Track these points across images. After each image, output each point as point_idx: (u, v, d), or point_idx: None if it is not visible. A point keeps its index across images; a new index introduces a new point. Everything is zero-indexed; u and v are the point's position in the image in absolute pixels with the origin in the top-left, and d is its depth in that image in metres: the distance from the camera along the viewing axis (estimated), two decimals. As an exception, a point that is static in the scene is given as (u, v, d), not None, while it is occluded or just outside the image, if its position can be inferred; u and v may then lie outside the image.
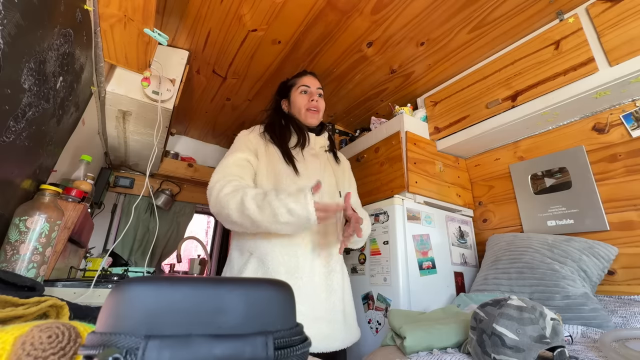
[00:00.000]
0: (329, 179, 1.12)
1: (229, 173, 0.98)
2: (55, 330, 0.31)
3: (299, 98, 1.18)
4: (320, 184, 0.85)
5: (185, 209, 2.55)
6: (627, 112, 1.23)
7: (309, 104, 1.17)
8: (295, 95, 1.19)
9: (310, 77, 1.22)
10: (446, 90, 1.72)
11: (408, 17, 1.39)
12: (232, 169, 1.00)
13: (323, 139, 1.22)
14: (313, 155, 1.13)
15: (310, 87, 1.19)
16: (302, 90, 1.19)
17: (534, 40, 1.38)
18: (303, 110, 1.16)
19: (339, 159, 1.25)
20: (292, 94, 1.21)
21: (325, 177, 1.10)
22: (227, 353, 0.22)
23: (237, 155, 1.03)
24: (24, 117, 0.72)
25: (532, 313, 0.64)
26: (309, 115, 1.16)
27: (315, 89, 1.19)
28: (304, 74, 1.24)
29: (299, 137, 1.12)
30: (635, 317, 0.96)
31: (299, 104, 1.17)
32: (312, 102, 1.16)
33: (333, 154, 1.23)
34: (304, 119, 1.16)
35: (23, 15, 0.62)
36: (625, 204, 1.19)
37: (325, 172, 1.12)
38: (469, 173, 1.81)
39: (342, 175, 1.21)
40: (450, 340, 0.81)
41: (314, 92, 1.19)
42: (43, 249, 0.80)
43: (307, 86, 1.19)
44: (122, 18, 1.04)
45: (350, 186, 1.25)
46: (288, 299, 0.28)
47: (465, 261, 1.58)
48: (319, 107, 1.18)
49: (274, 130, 1.14)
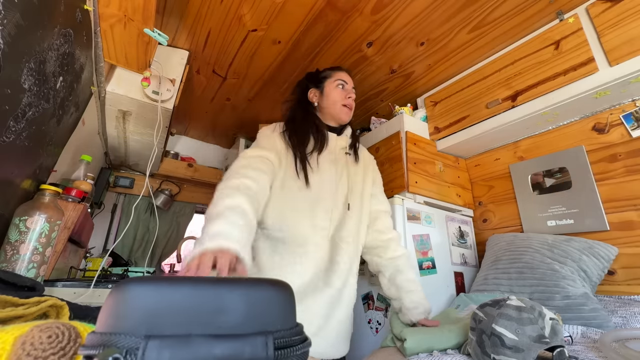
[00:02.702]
0: (342, 189, 1.04)
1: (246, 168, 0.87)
2: (55, 330, 0.31)
3: (335, 91, 1.12)
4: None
5: (185, 209, 2.55)
6: (627, 112, 1.23)
7: (345, 100, 1.12)
8: (332, 87, 1.13)
9: (346, 74, 1.17)
10: (446, 90, 1.72)
11: (408, 17, 1.38)
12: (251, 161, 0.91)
13: (344, 139, 1.14)
14: (331, 161, 1.05)
15: (347, 83, 1.15)
16: (340, 84, 1.13)
17: (534, 40, 1.38)
18: (339, 105, 1.11)
19: (359, 158, 1.15)
20: (327, 85, 1.13)
21: (339, 187, 1.03)
22: (227, 353, 0.22)
23: (262, 153, 0.95)
24: (24, 117, 0.72)
25: (531, 313, 0.64)
26: (344, 111, 1.11)
27: (350, 87, 1.15)
28: (340, 69, 1.18)
29: (317, 140, 1.04)
30: (635, 317, 0.96)
31: (334, 97, 1.11)
32: (348, 98, 1.12)
33: (354, 152, 1.14)
34: (337, 113, 1.11)
35: (23, 15, 0.61)
36: (625, 204, 1.19)
37: (340, 181, 1.04)
38: (469, 173, 1.81)
39: (361, 177, 1.12)
40: (451, 341, 0.81)
41: (350, 89, 1.14)
42: (43, 249, 0.80)
43: (344, 81, 1.14)
44: (122, 18, 1.04)
45: (373, 184, 1.16)
46: (288, 299, 0.28)
47: (465, 261, 1.58)
48: (353, 106, 1.14)
49: (295, 129, 1.05)
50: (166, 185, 2.48)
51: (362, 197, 1.09)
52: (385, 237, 1.08)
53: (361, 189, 1.10)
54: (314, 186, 0.97)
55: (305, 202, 0.96)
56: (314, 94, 1.15)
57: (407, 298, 0.98)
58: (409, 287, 1.00)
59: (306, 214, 0.95)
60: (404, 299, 0.98)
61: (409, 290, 0.99)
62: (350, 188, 1.07)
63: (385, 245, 1.07)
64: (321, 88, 1.14)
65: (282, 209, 0.94)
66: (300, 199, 0.96)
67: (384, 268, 1.06)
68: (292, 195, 0.96)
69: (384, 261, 1.06)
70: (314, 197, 0.97)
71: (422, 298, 0.99)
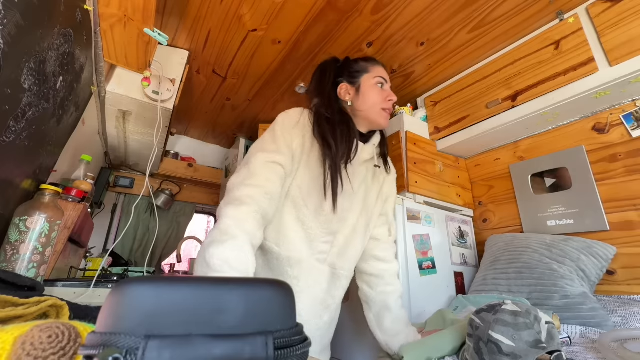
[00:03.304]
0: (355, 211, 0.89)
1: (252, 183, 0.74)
2: (55, 330, 0.31)
3: (374, 90, 0.92)
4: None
5: (185, 209, 2.55)
6: (627, 112, 1.23)
7: (386, 102, 0.92)
8: (370, 84, 0.92)
9: (385, 70, 0.96)
10: (446, 90, 1.72)
11: (408, 17, 1.39)
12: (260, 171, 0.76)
13: (370, 148, 0.93)
14: (348, 176, 0.87)
15: (387, 82, 0.95)
16: (379, 82, 0.93)
17: (534, 40, 1.38)
18: (378, 108, 0.91)
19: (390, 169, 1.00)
20: (365, 82, 0.93)
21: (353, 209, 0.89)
22: (227, 353, 0.22)
23: (274, 158, 0.79)
24: (24, 117, 0.72)
25: (527, 317, 0.64)
26: (384, 116, 0.91)
27: (389, 86, 0.95)
28: (377, 63, 0.97)
29: (348, 151, 0.85)
30: (634, 317, 0.96)
31: (374, 98, 0.91)
32: (389, 101, 0.92)
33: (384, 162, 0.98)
34: (376, 118, 0.91)
35: (23, 15, 0.62)
36: (625, 204, 1.19)
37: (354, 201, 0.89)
38: (469, 173, 1.81)
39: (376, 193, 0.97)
40: (447, 348, 0.81)
41: (389, 89, 0.95)
42: (43, 249, 0.80)
43: (384, 79, 0.94)
44: (122, 18, 1.04)
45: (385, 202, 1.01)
46: (288, 299, 0.28)
47: (465, 261, 1.58)
48: (392, 110, 0.96)
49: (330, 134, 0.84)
50: (166, 185, 2.48)
51: (370, 218, 0.95)
52: (382, 267, 0.97)
53: (372, 210, 0.95)
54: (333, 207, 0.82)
55: (312, 222, 0.83)
56: (347, 90, 0.94)
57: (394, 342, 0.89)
58: (396, 330, 0.90)
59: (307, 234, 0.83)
60: (391, 343, 0.90)
61: (396, 333, 0.90)
62: (364, 208, 0.92)
63: (379, 275, 0.96)
64: (356, 85, 0.93)
65: (284, 223, 0.82)
66: (309, 217, 0.82)
67: (372, 303, 0.95)
68: (297, 210, 0.82)
69: (374, 294, 0.95)
70: (325, 219, 0.83)
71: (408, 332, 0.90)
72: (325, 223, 0.84)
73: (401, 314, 0.93)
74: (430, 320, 1.02)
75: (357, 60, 0.98)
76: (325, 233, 0.85)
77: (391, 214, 1.03)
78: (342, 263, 0.89)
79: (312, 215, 0.83)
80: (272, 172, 0.77)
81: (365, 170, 0.93)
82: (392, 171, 1.04)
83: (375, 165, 0.95)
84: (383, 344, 0.92)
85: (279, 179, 0.78)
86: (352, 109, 0.93)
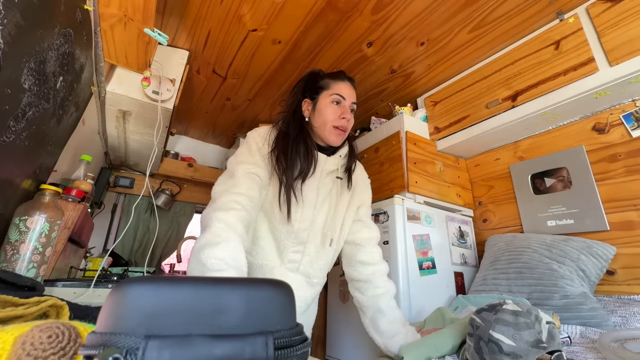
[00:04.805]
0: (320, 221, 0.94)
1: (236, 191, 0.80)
2: (55, 330, 0.31)
3: (328, 108, 0.94)
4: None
5: (185, 209, 2.55)
6: (627, 112, 1.23)
7: (338, 120, 0.94)
8: (325, 102, 0.95)
9: (348, 86, 0.98)
10: (446, 90, 1.72)
11: (408, 17, 1.38)
12: (243, 180, 0.83)
13: (336, 160, 0.97)
14: (313, 188, 0.92)
15: (346, 99, 0.96)
16: (335, 100, 0.95)
17: (534, 40, 1.38)
18: (329, 126, 0.93)
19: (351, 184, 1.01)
20: (321, 99, 0.96)
21: (317, 219, 0.93)
22: (227, 353, 0.22)
23: (252, 169, 0.86)
24: (24, 117, 0.72)
25: (528, 317, 0.64)
26: (335, 133, 0.94)
27: (349, 103, 0.97)
28: (342, 78, 0.99)
29: (305, 165, 0.90)
30: (634, 317, 0.96)
31: (325, 116, 0.94)
32: (342, 119, 0.94)
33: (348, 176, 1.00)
34: (327, 135, 0.94)
35: (23, 15, 0.62)
36: (626, 204, 1.19)
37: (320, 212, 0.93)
38: (469, 173, 1.81)
39: (346, 202, 1.00)
40: (446, 347, 0.81)
41: (347, 106, 0.96)
42: (43, 249, 0.80)
43: (341, 96, 0.95)
44: (122, 18, 1.04)
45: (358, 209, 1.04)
46: (288, 299, 0.28)
47: (466, 261, 1.58)
48: (348, 127, 0.96)
49: (285, 149, 0.90)
50: (166, 185, 2.48)
51: (342, 227, 0.99)
52: (369, 271, 0.98)
53: (342, 218, 0.99)
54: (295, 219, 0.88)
55: (281, 233, 0.89)
56: (307, 106, 0.98)
57: (392, 344, 0.90)
58: (392, 331, 0.91)
59: (277, 243, 0.90)
60: (390, 345, 0.90)
61: (393, 334, 0.90)
62: (331, 218, 0.96)
63: (367, 279, 0.97)
64: (315, 101, 0.97)
65: (257, 233, 0.90)
66: (277, 228, 0.89)
67: (365, 308, 0.97)
68: (268, 220, 0.90)
69: (366, 300, 0.97)
70: (290, 229, 0.89)
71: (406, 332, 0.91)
72: (292, 233, 0.89)
73: (395, 314, 0.94)
74: (429, 318, 1.02)
75: (324, 75, 1.02)
76: (295, 243, 0.90)
77: (367, 219, 1.06)
78: (315, 272, 0.94)
79: (280, 225, 0.89)
80: (253, 181, 0.84)
81: (331, 181, 0.98)
82: (363, 175, 1.09)
83: (338, 177, 0.98)
84: (383, 348, 0.92)
85: (258, 188, 0.85)
86: (309, 125, 0.97)
